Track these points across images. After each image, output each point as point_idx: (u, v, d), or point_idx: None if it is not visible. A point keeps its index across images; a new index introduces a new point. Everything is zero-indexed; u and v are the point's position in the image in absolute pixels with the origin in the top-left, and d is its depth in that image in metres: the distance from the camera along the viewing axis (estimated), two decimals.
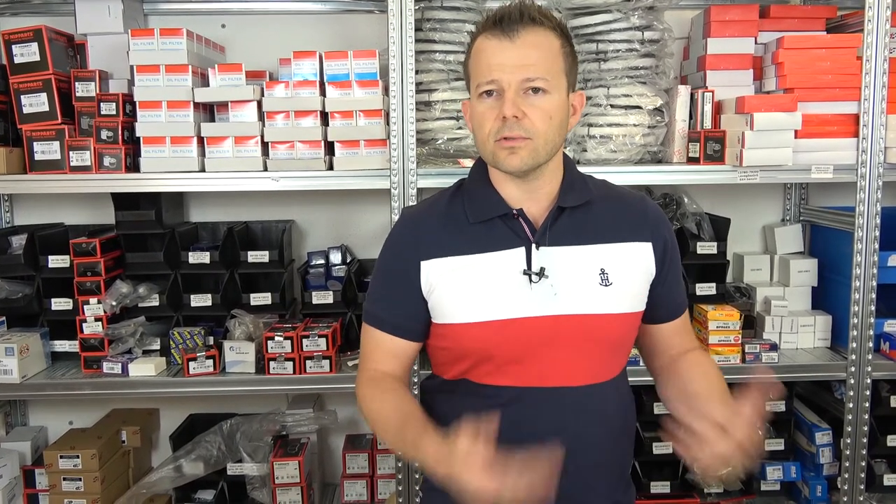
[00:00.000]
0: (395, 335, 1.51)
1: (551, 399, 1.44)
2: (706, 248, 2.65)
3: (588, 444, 1.46)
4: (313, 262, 2.81)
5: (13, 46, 2.42)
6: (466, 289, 1.43)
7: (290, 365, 2.47)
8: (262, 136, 2.42)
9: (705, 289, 2.64)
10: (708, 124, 2.54)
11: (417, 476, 2.48)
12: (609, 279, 1.45)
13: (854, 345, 2.50)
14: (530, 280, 1.42)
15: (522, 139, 1.37)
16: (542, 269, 1.42)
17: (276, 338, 2.46)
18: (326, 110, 2.43)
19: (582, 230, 1.47)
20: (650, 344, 1.62)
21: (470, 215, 1.47)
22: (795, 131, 2.40)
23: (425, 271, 1.46)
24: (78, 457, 2.60)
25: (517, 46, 1.36)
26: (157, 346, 2.60)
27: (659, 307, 1.55)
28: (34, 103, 2.44)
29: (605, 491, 1.50)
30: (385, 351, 1.52)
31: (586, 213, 1.48)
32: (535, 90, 1.37)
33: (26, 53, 2.43)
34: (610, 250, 1.47)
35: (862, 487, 2.54)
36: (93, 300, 2.52)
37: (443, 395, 1.55)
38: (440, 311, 1.47)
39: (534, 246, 1.44)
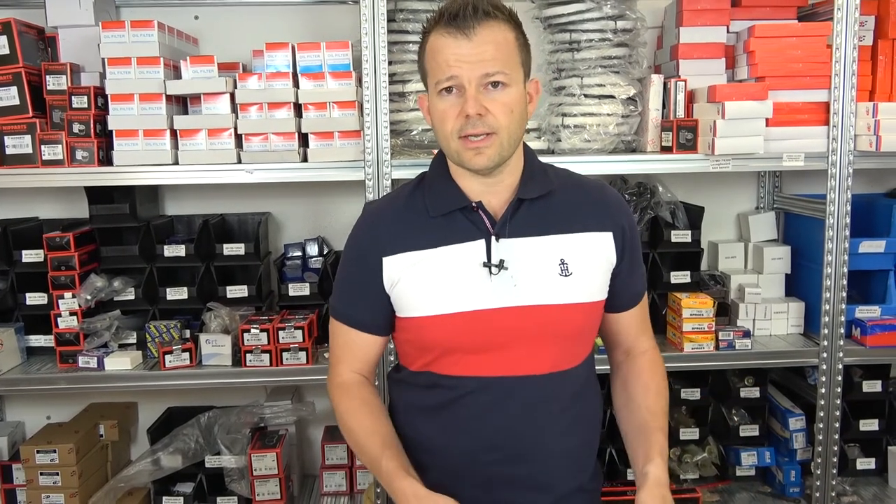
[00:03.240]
0: (363, 331, 1.53)
1: (514, 388, 1.45)
2: (680, 236, 2.67)
3: (552, 431, 1.48)
4: (290, 255, 2.81)
5: None
6: (427, 282, 1.45)
7: (266, 357, 2.47)
8: (236, 129, 2.41)
9: (679, 277, 2.66)
10: (681, 113, 2.55)
11: None
12: (569, 269, 1.46)
13: (826, 331, 2.53)
14: (490, 272, 1.43)
15: (487, 136, 1.37)
16: (502, 262, 1.43)
17: (253, 330, 2.46)
18: (300, 102, 2.42)
19: (542, 221, 1.48)
20: (609, 333, 1.66)
21: (430, 209, 1.48)
22: (767, 119, 2.42)
23: (387, 267, 1.47)
24: (55, 451, 2.59)
25: (474, 44, 1.35)
26: (133, 339, 2.58)
27: (619, 296, 1.57)
28: (4, 97, 2.41)
29: (571, 478, 1.52)
30: (354, 347, 1.55)
31: (546, 203, 1.49)
32: (495, 84, 1.37)
33: None
34: (570, 240, 1.48)
35: (835, 472, 2.58)
36: (67, 294, 2.51)
37: (408, 387, 1.56)
38: (403, 304, 1.48)
39: (493, 238, 1.45)
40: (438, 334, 1.45)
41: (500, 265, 1.43)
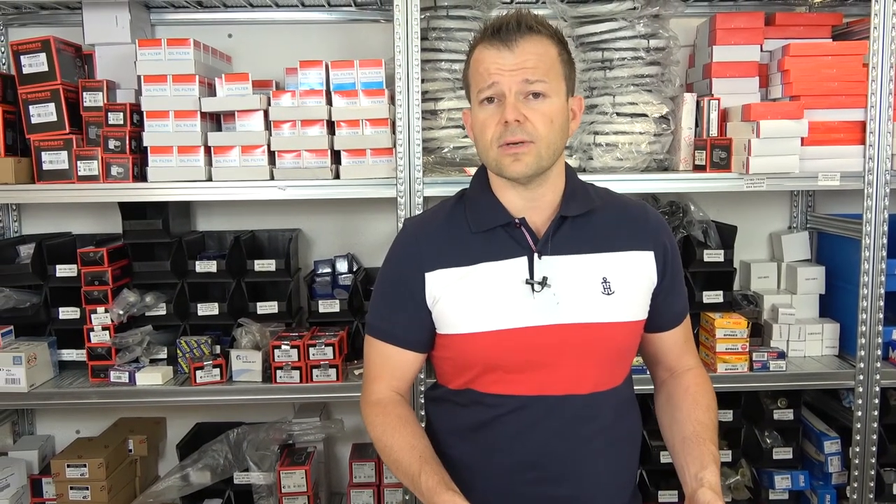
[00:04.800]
0: (402, 347, 1.52)
1: (556, 407, 1.44)
2: (713, 255, 2.64)
3: (592, 451, 1.46)
4: (320, 271, 2.81)
5: (21, 57, 2.44)
6: (469, 299, 1.44)
7: (296, 374, 2.47)
8: (269, 146, 2.43)
9: (712, 297, 2.63)
10: (714, 132, 2.54)
11: None
12: (611, 288, 1.45)
13: (862, 353, 2.49)
14: (532, 289, 1.43)
15: (525, 143, 1.37)
16: (545, 279, 1.43)
17: (283, 346, 2.46)
18: (333, 119, 2.44)
19: (584, 239, 1.47)
20: (652, 353, 1.64)
21: (472, 225, 1.48)
22: (802, 138, 2.41)
23: (429, 283, 1.47)
24: (85, 466, 2.60)
25: (515, 54, 1.38)
26: (164, 354, 2.60)
27: (660, 315, 1.56)
28: (42, 113, 2.45)
29: (612, 497, 1.50)
30: (392, 364, 1.53)
31: (588, 221, 1.49)
32: (536, 95, 1.38)
33: (34, 64, 2.44)
34: (612, 259, 1.47)
35: (871, 496, 2.53)
36: (100, 309, 2.53)
37: (448, 405, 1.55)
38: (444, 321, 1.47)
39: (536, 255, 1.44)
40: (480, 351, 1.44)
41: (544, 283, 1.43)
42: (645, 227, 1.53)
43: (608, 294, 1.45)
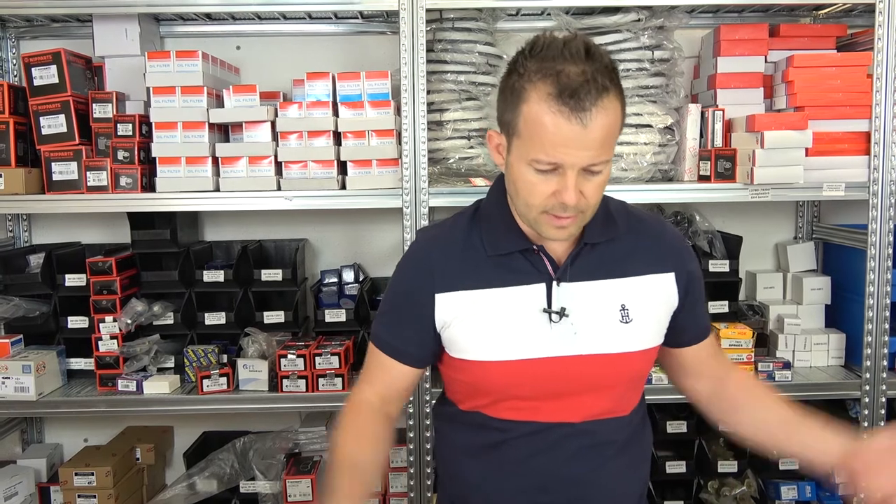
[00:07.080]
0: (400, 361, 1.49)
1: (569, 434, 1.41)
2: (718, 265, 2.65)
3: (604, 475, 1.44)
4: (326, 281, 2.83)
5: (33, 69, 2.47)
6: (485, 326, 1.40)
7: (302, 383, 2.49)
8: (276, 156, 2.45)
9: (718, 307, 2.64)
10: (719, 142, 2.54)
11: (430, 495, 2.48)
12: (629, 315, 1.41)
13: (868, 363, 2.49)
14: (550, 319, 1.38)
15: (574, 216, 1.31)
16: (563, 309, 1.38)
17: (289, 356, 2.48)
18: (339, 130, 2.46)
19: (603, 264, 1.42)
20: (678, 365, 1.59)
21: (488, 247, 1.42)
22: (806, 149, 2.41)
23: (440, 305, 1.42)
24: (93, 474, 2.62)
25: (588, 130, 1.22)
26: (171, 364, 2.62)
27: (683, 332, 1.52)
28: (52, 124, 2.48)
29: None
30: (388, 375, 1.50)
31: (607, 245, 1.43)
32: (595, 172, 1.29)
33: (45, 76, 2.47)
34: (631, 284, 1.43)
35: None
36: (108, 318, 2.55)
37: (455, 424, 1.52)
38: (456, 345, 1.43)
39: (554, 283, 1.40)
40: (496, 380, 1.41)
41: (562, 312, 1.38)
42: (665, 249, 1.48)
43: (626, 322, 1.40)
